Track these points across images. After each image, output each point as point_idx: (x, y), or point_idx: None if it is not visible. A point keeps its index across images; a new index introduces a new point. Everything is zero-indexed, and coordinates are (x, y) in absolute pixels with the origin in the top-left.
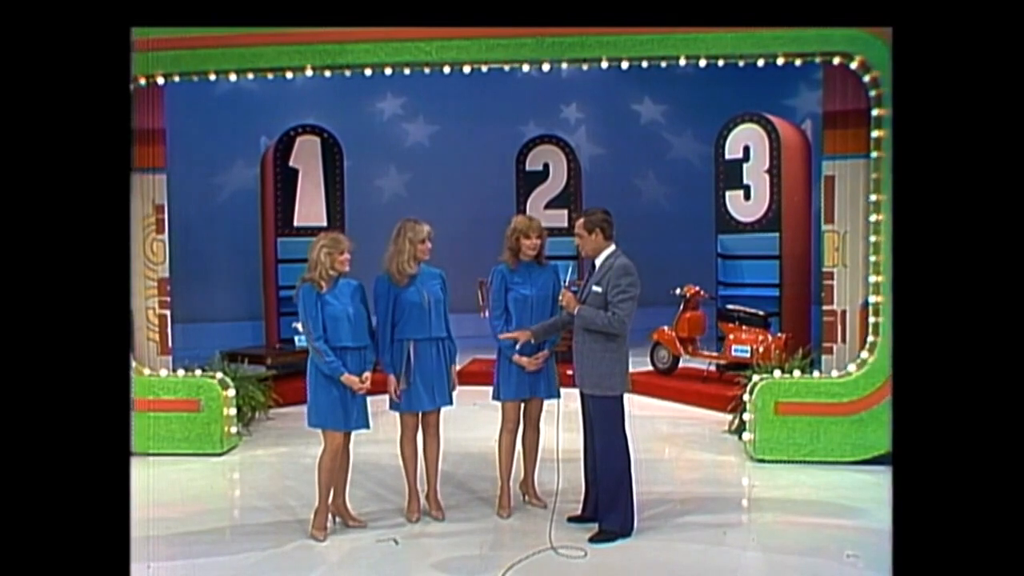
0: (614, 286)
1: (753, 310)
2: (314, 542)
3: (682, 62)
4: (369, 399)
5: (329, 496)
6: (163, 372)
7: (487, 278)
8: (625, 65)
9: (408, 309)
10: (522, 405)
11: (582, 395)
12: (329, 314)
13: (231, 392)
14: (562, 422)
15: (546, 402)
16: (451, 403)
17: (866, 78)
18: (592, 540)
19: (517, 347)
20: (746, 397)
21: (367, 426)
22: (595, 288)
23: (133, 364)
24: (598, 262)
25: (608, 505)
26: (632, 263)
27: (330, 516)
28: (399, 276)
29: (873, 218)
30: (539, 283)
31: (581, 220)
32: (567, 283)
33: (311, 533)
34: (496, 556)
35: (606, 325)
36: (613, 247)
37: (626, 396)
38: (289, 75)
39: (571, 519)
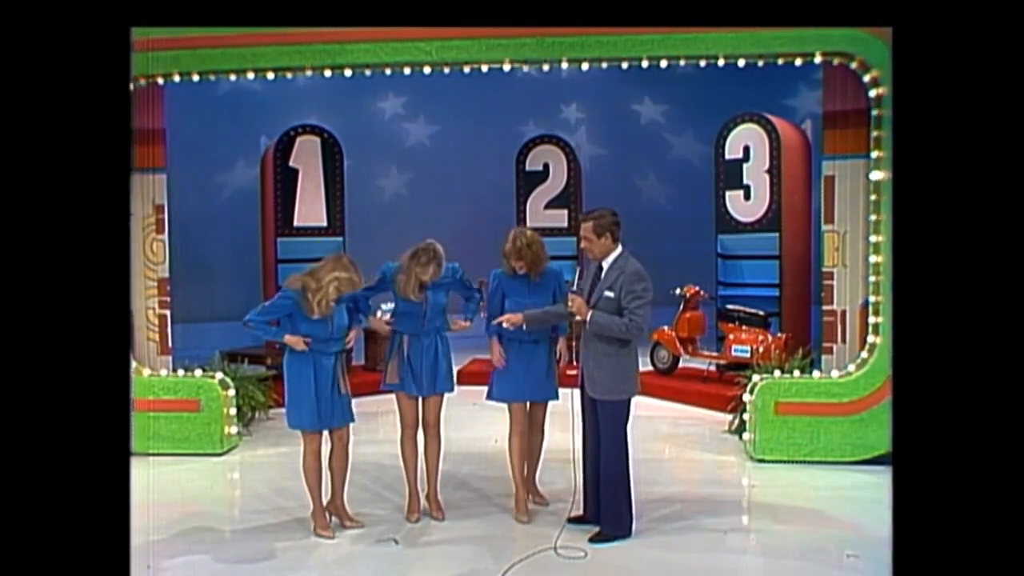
0: (628, 292)
1: (753, 310)
2: (314, 542)
3: (682, 62)
4: (368, 399)
5: (320, 495)
6: (163, 372)
7: (487, 278)
8: (625, 65)
9: (405, 307)
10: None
11: (590, 398)
12: (311, 327)
13: (231, 392)
14: (560, 421)
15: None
16: (441, 390)
17: (866, 78)
18: (592, 540)
19: (505, 324)
20: (746, 397)
21: (349, 421)
22: (607, 293)
23: (133, 364)
24: (606, 265)
25: (609, 506)
26: (642, 266)
27: (329, 515)
28: (403, 292)
29: (873, 218)
30: (538, 291)
31: (590, 224)
32: (574, 284)
33: (316, 532)
34: (496, 556)
35: (624, 332)
36: (620, 249)
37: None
38: (289, 75)
39: (571, 520)
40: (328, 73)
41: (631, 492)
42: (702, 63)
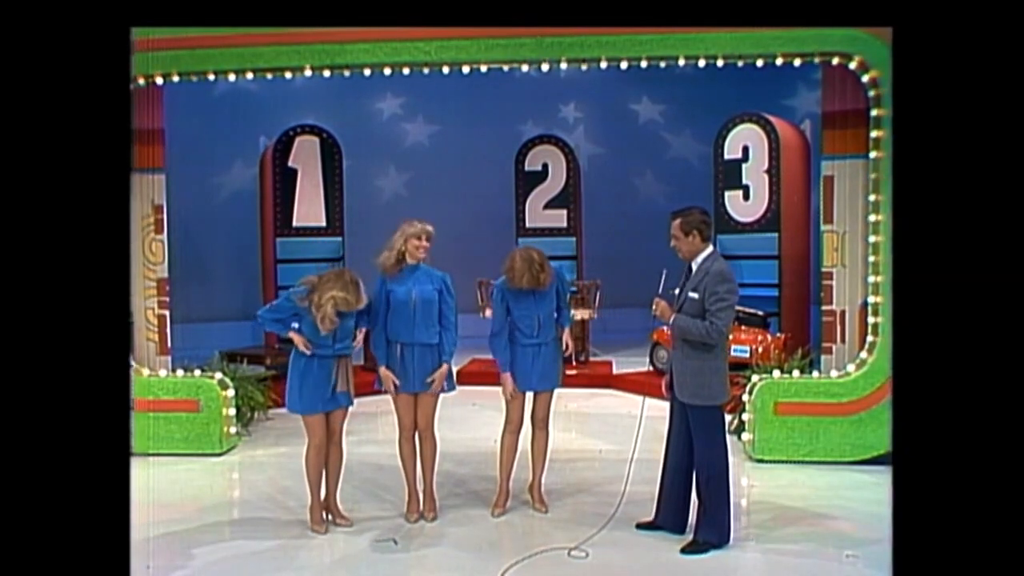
0: (711, 293)
1: (752, 310)
2: (314, 542)
3: (681, 62)
4: (368, 399)
5: (320, 490)
6: (163, 372)
7: (487, 278)
8: (624, 65)
9: (397, 307)
10: (526, 400)
11: (680, 401)
12: (317, 331)
13: (230, 392)
14: (559, 422)
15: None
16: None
17: (865, 78)
18: (686, 551)
19: (657, 315)
20: (745, 397)
21: (349, 402)
22: (692, 294)
23: (133, 364)
24: (695, 265)
25: (707, 515)
26: (729, 267)
27: (324, 512)
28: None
29: (872, 218)
30: (544, 298)
31: (677, 221)
32: (659, 287)
33: (311, 527)
34: (496, 556)
35: (703, 335)
36: (711, 249)
37: (634, 396)
38: (288, 75)
39: (640, 526)
40: (327, 73)
41: (730, 498)
42: (701, 63)
